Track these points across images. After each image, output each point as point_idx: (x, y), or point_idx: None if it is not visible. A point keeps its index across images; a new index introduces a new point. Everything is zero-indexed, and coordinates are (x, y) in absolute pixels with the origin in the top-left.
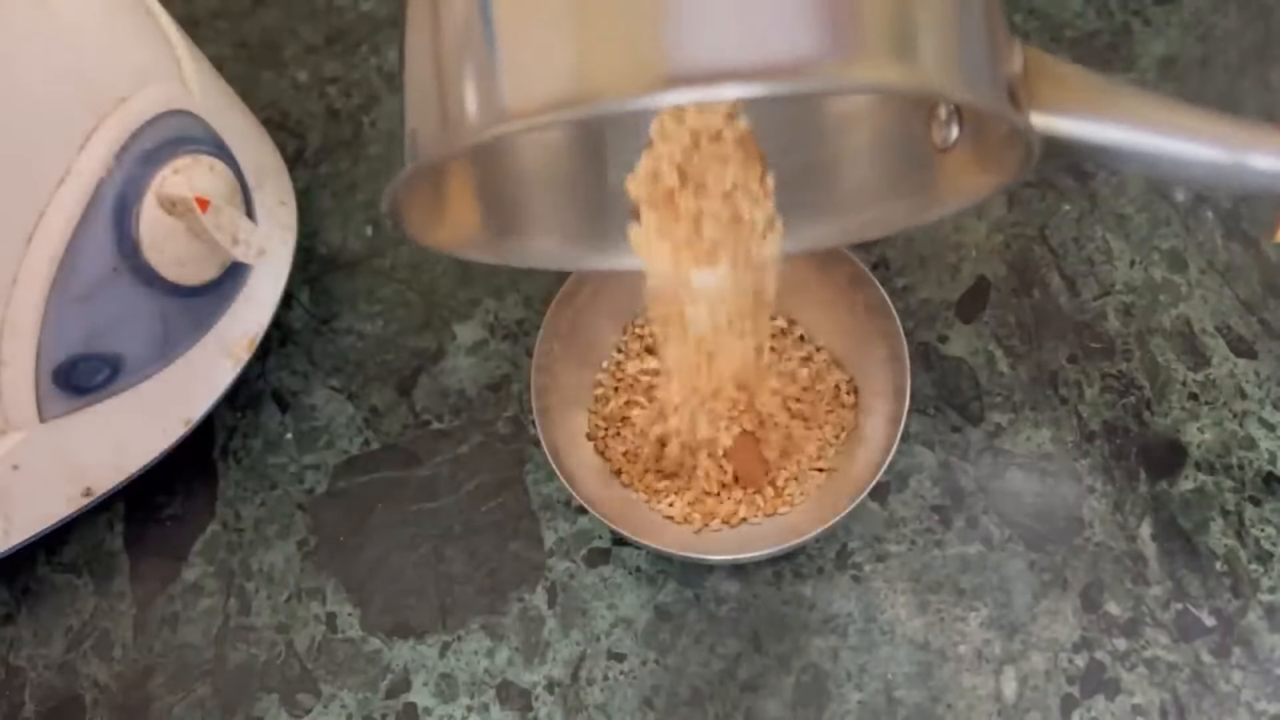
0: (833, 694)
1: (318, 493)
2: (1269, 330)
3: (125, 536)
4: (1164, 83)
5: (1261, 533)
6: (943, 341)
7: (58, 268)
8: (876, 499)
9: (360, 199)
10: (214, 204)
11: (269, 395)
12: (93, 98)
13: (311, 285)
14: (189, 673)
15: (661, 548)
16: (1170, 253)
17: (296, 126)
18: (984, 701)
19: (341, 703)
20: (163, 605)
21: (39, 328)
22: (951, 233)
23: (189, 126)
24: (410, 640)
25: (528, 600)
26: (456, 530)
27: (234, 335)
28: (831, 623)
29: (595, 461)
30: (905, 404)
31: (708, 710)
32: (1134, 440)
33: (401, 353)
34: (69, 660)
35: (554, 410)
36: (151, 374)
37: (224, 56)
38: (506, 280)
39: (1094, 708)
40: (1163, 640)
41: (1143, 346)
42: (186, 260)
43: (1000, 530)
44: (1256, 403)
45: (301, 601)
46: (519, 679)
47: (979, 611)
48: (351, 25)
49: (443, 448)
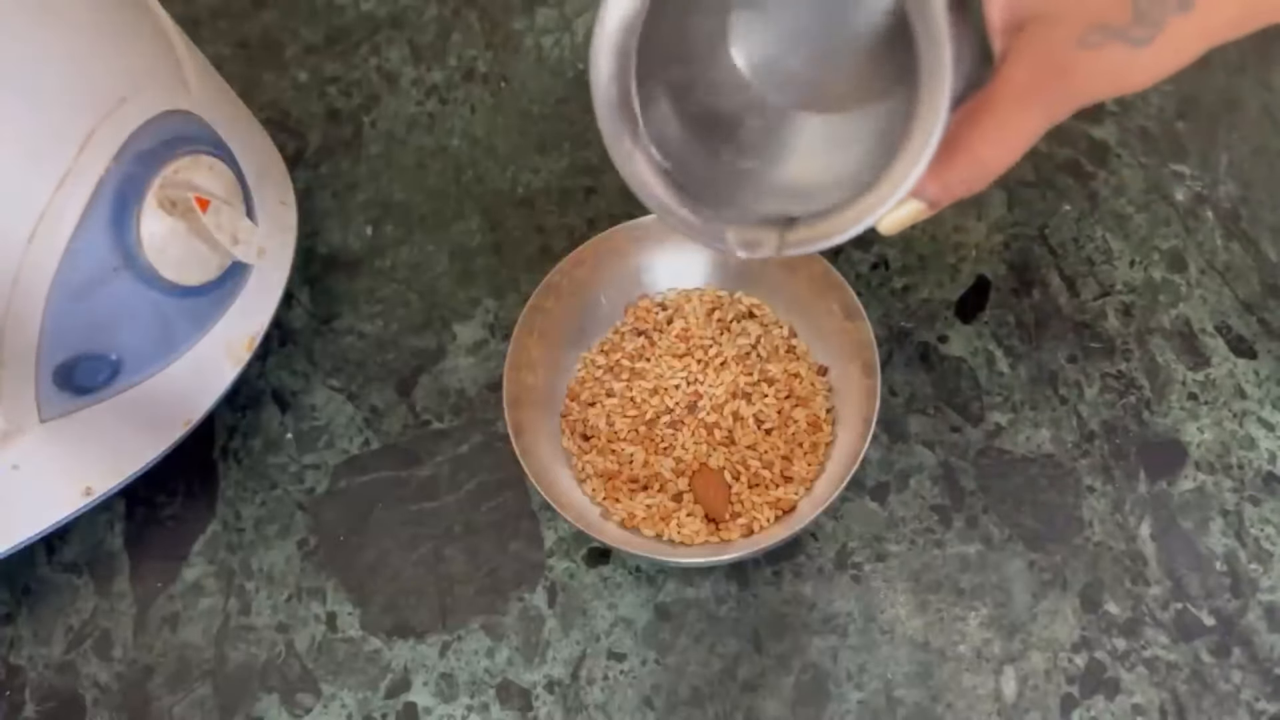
0: (833, 694)
1: (318, 493)
2: (1269, 330)
3: (125, 536)
4: (1164, 83)
5: (1261, 533)
6: (943, 341)
7: (58, 268)
8: (876, 499)
9: (360, 199)
10: (214, 204)
11: (269, 395)
12: (93, 98)
13: (311, 285)
14: (189, 673)
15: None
16: (1170, 253)
17: (296, 126)
18: (984, 701)
19: (341, 702)
20: (163, 605)
21: (39, 328)
22: (951, 233)
23: (189, 126)
24: (410, 640)
25: (528, 600)
26: (456, 530)
27: (234, 335)
28: (831, 622)
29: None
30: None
31: (708, 710)
32: (1134, 440)
33: (401, 353)
34: (69, 660)
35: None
36: (151, 374)
37: (224, 56)
38: (506, 280)
39: (1094, 707)
40: (1162, 640)
41: (1142, 346)
42: (186, 260)
43: (1000, 530)
44: (1256, 403)
45: (301, 601)
46: (519, 679)
47: (979, 611)
48: (351, 25)
49: (443, 448)
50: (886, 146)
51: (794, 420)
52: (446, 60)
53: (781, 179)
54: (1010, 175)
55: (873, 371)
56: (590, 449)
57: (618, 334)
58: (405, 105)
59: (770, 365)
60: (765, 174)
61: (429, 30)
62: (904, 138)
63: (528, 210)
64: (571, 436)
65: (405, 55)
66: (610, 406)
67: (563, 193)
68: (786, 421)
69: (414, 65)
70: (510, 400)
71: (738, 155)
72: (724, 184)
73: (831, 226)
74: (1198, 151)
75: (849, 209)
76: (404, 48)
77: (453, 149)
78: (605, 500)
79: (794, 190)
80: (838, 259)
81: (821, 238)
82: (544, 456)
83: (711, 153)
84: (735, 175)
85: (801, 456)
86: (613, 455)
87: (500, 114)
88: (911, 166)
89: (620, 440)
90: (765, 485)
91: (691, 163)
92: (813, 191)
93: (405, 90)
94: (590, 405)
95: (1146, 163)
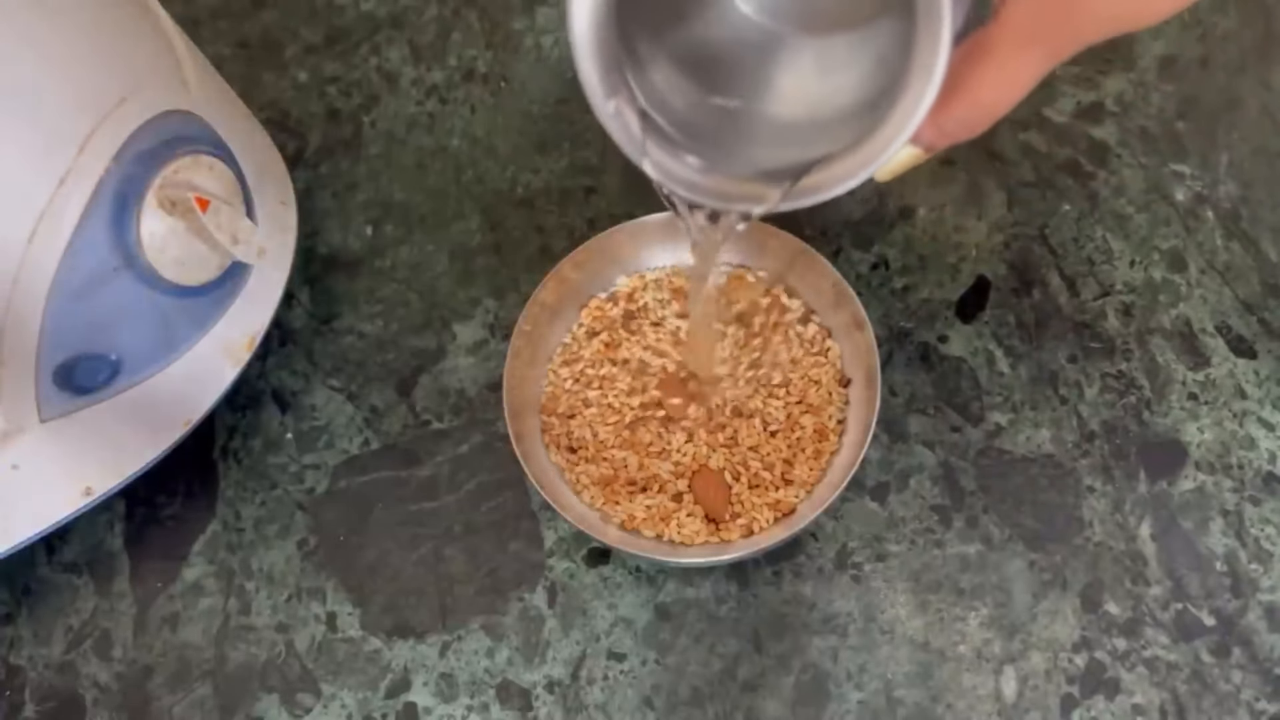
0: (833, 694)
1: (318, 493)
2: (1269, 330)
3: (125, 536)
4: (1164, 83)
5: (1261, 533)
6: (943, 341)
7: (58, 268)
8: (876, 499)
9: (360, 199)
10: (214, 204)
11: (269, 395)
12: (93, 98)
13: (311, 285)
14: (189, 673)
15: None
16: (1170, 253)
17: (296, 126)
18: (984, 701)
19: (341, 703)
20: (163, 605)
21: (39, 327)
22: (951, 233)
23: (189, 126)
24: (410, 640)
25: (528, 600)
26: (456, 530)
27: (234, 335)
28: (831, 623)
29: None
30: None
31: (708, 710)
32: (1134, 440)
33: (401, 353)
34: (69, 660)
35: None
36: (151, 374)
37: (224, 56)
38: (506, 280)
39: (1094, 707)
40: (1162, 640)
41: (1143, 346)
42: (186, 260)
43: (1000, 530)
44: (1256, 403)
45: (301, 601)
46: (519, 679)
47: (979, 611)
48: (351, 25)
49: (443, 448)
50: (884, 74)
51: (801, 426)
52: (446, 60)
53: (777, 115)
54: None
55: (874, 381)
56: (580, 460)
57: (574, 339)
58: (405, 105)
59: (792, 372)
60: (760, 113)
61: (429, 30)
62: (902, 82)
63: (528, 210)
64: (558, 450)
65: (405, 55)
66: (591, 416)
67: (563, 193)
68: (793, 426)
69: (414, 65)
70: (511, 409)
71: (730, 94)
72: (720, 131)
73: (831, 176)
74: (1198, 151)
75: (848, 158)
76: (404, 48)
77: (453, 149)
78: (605, 505)
79: (792, 129)
80: (838, 259)
81: (822, 187)
82: (545, 459)
83: (703, 96)
84: (730, 119)
85: (804, 461)
86: (605, 462)
87: (500, 114)
88: (910, 114)
89: (610, 448)
90: (765, 487)
91: (683, 111)
92: (811, 130)
93: (405, 90)
94: (570, 417)
95: (1146, 163)
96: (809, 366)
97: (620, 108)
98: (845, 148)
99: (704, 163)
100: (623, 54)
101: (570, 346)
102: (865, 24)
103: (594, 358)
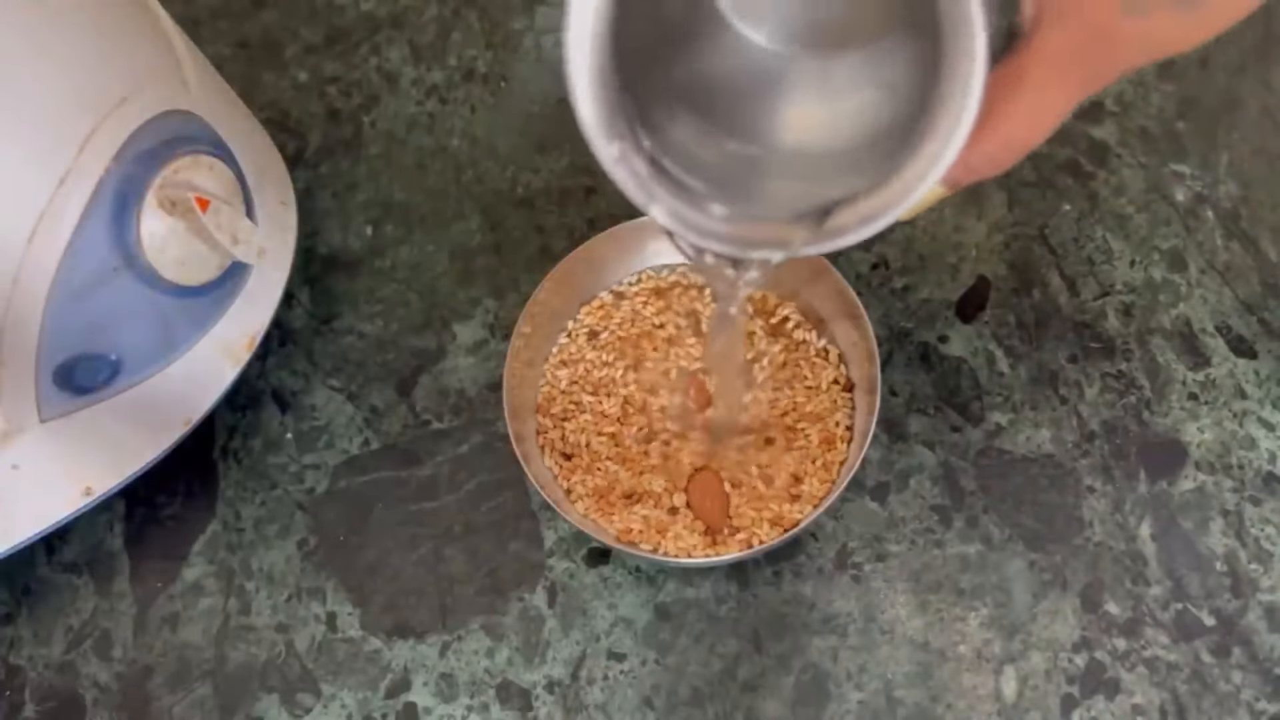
0: (833, 694)
1: (318, 493)
2: (1269, 330)
3: (125, 536)
4: (1164, 83)
5: (1261, 533)
6: (943, 341)
7: (58, 268)
8: (876, 499)
9: (360, 199)
10: (214, 204)
11: (269, 395)
12: (93, 98)
13: (311, 285)
14: (189, 673)
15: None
16: (1170, 253)
17: (296, 126)
18: (984, 701)
19: (341, 703)
20: (163, 605)
21: (39, 328)
22: (951, 233)
23: (189, 126)
24: (410, 640)
25: (528, 600)
26: (456, 530)
27: (234, 335)
28: (831, 623)
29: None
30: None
31: (708, 710)
32: (1134, 440)
33: (401, 353)
34: (69, 660)
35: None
36: (151, 374)
37: (224, 56)
38: (506, 280)
39: (1094, 707)
40: (1162, 640)
41: (1143, 346)
42: (186, 260)
43: (1000, 530)
44: (1256, 403)
45: (301, 601)
46: (519, 679)
47: (979, 611)
48: (351, 25)
49: (443, 448)
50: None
51: (806, 435)
52: (446, 60)
53: (792, 149)
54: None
55: (874, 387)
56: (575, 468)
57: (572, 340)
58: (405, 105)
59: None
60: (773, 147)
61: (429, 30)
62: (928, 117)
63: (528, 210)
64: (552, 454)
65: (405, 55)
66: (585, 423)
67: (563, 193)
68: (798, 435)
69: (414, 65)
70: (511, 409)
71: (740, 130)
72: (733, 171)
73: (857, 216)
74: (1198, 151)
75: (873, 197)
76: (404, 48)
77: (453, 149)
78: (599, 516)
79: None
80: (838, 259)
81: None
82: (545, 460)
83: (712, 135)
84: (743, 157)
85: (814, 474)
86: (599, 472)
87: (500, 114)
88: (940, 154)
89: (604, 460)
90: (768, 500)
91: (692, 152)
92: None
93: (405, 90)
94: (565, 420)
95: (1146, 163)
96: (810, 369)
97: (625, 152)
98: (869, 186)
99: (717, 206)
100: (625, 97)
101: (568, 347)
102: (879, 45)
103: (593, 359)
